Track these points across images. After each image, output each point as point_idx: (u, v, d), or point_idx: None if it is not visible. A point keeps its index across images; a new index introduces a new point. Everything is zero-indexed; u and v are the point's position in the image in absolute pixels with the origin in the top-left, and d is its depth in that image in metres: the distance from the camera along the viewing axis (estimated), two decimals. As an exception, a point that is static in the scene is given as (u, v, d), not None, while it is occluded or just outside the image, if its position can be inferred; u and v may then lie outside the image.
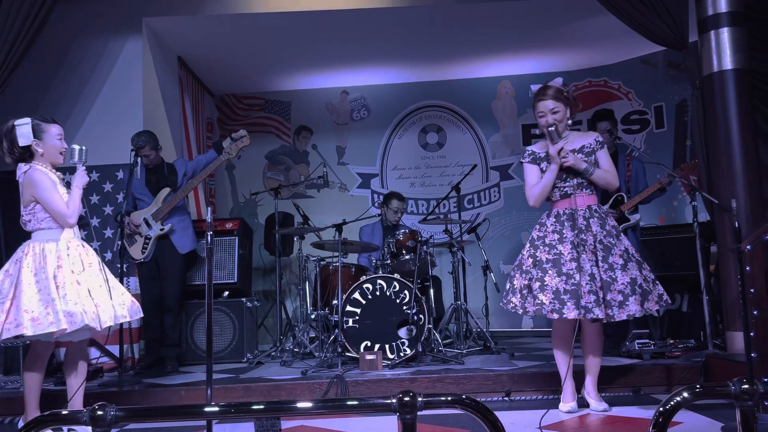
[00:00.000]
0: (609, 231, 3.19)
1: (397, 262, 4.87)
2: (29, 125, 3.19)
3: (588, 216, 3.21)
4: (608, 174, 3.25)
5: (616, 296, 3.09)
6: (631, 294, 3.08)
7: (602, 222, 3.21)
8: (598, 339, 3.32)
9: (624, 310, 3.07)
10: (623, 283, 3.10)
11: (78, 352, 3.26)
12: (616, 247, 3.16)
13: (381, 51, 6.62)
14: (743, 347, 3.09)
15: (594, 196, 3.29)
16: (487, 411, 1.57)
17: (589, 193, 3.27)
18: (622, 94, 7.24)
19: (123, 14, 5.49)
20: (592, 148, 3.28)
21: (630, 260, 3.16)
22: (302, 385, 3.88)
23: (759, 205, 3.99)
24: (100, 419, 1.54)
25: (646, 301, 3.11)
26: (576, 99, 3.35)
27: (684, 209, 6.64)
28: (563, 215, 3.25)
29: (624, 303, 3.07)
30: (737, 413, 1.63)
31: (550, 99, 3.26)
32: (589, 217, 3.21)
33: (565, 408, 3.28)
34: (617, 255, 3.14)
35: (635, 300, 3.07)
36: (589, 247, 3.14)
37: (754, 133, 4.08)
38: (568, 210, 3.25)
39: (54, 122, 3.30)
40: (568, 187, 3.26)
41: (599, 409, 3.25)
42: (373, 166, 7.52)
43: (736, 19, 4.09)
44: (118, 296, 3.19)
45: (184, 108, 6.42)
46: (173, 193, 4.66)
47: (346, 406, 1.66)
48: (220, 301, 5.18)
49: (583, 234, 3.16)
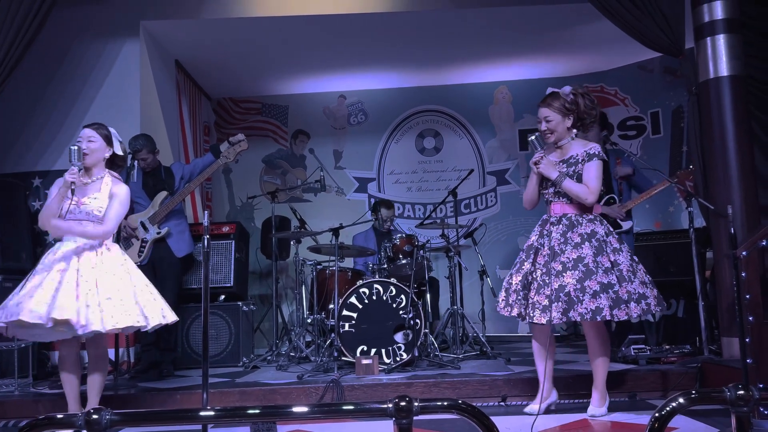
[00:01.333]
0: (569, 239, 3.21)
1: (394, 267, 4.87)
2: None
3: (555, 223, 3.28)
4: (578, 188, 3.21)
5: (542, 300, 3.15)
6: (555, 301, 3.11)
7: (566, 230, 3.23)
8: (594, 342, 3.30)
9: (545, 315, 3.12)
10: (552, 289, 3.14)
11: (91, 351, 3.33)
12: (565, 254, 3.18)
13: (378, 55, 6.63)
14: (739, 353, 3.09)
15: (573, 205, 3.28)
16: (483, 416, 1.57)
17: (567, 201, 3.29)
18: (618, 100, 7.27)
19: (121, 17, 5.49)
20: (577, 160, 3.28)
21: (574, 269, 3.14)
22: (298, 390, 3.87)
23: (755, 211, 4.00)
24: (95, 423, 1.54)
25: (571, 309, 3.10)
26: (587, 106, 3.28)
27: (680, 215, 6.66)
28: (542, 220, 3.39)
29: (548, 308, 3.13)
30: (733, 419, 1.63)
31: (546, 107, 3.30)
32: (556, 223, 3.28)
33: (528, 410, 3.34)
34: (559, 262, 3.17)
35: (557, 307, 3.10)
36: (543, 251, 3.25)
37: (749, 140, 4.10)
38: (546, 216, 3.38)
39: (86, 126, 3.41)
40: (548, 194, 3.37)
41: (588, 413, 3.27)
42: (370, 170, 7.53)
43: (732, 26, 4.12)
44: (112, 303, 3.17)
45: (181, 111, 6.42)
46: (170, 196, 4.65)
47: (342, 410, 1.66)
48: (217, 304, 5.17)
49: (543, 239, 3.28)
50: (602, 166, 3.29)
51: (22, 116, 5.38)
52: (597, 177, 3.22)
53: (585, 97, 3.30)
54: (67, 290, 3.07)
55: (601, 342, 3.31)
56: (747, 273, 3.10)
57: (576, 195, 3.22)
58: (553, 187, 3.31)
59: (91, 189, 3.31)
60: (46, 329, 3.07)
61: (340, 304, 4.56)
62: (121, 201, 3.32)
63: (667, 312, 5.18)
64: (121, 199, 3.32)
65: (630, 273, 3.18)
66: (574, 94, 3.28)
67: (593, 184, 3.21)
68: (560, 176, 3.24)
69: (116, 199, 3.31)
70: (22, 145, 5.37)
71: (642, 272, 3.24)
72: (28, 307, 2.98)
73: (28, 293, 3.05)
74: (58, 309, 3.00)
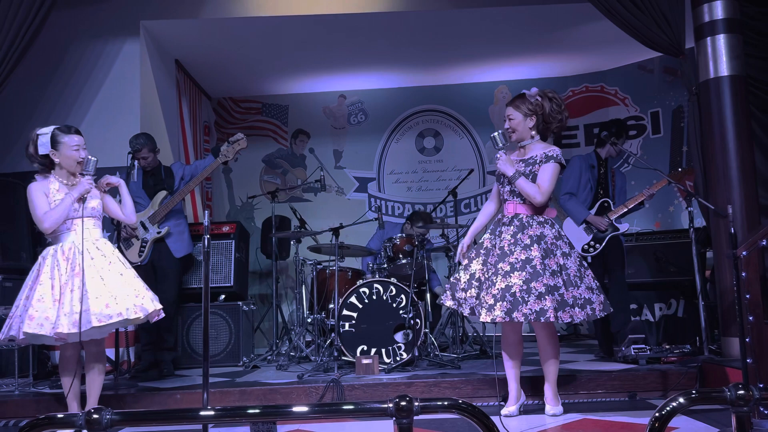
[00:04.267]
0: (519, 240, 3.22)
1: (394, 266, 4.87)
2: (48, 135, 3.36)
3: (507, 223, 3.30)
4: (530, 187, 3.24)
5: (489, 299, 3.17)
6: (500, 300, 3.13)
7: (517, 231, 3.25)
8: (546, 343, 3.32)
9: (490, 314, 3.14)
10: (498, 289, 3.15)
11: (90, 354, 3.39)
12: (513, 255, 3.19)
13: (378, 55, 6.63)
14: (739, 353, 3.09)
15: (526, 206, 3.30)
16: (483, 416, 1.57)
17: (520, 201, 3.31)
18: (618, 100, 7.27)
19: (121, 17, 5.49)
20: (535, 160, 3.32)
21: (522, 270, 3.15)
22: (298, 389, 3.87)
23: (755, 211, 4.00)
24: (95, 423, 1.54)
25: (515, 310, 3.10)
26: (554, 110, 3.32)
27: (680, 215, 6.66)
28: (495, 221, 3.43)
29: (493, 306, 3.14)
30: (733, 419, 1.63)
31: (510, 106, 3.39)
32: (507, 224, 3.29)
33: (504, 411, 3.34)
34: (507, 262, 3.18)
35: (501, 306, 3.11)
36: (494, 251, 3.27)
37: (749, 139, 4.10)
38: (500, 215, 3.40)
39: (75, 132, 3.43)
40: (504, 193, 3.38)
41: (549, 413, 3.29)
42: (370, 170, 7.53)
43: (732, 26, 4.12)
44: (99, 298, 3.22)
45: (181, 111, 6.42)
46: (170, 196, 4.65)
47: (342, 410, 1.66)
48: (217, 304, 5.17)
49: (494, 239, 3.31)
50: (558, 169, 3.31)
51: (22, 116, 5.37)
52: (550, 179, 3.26)
53: (552, 100, 3.33)
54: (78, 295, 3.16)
55: (550, 343, 3.33)
56: (747, 273, 3.10)
57: (527, 194, 3.26)
58: (509, 186, 3.34)
59: (94, 193, 3.52)
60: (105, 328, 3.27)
61: (340, 303, 4.56)
62: (112, 198, 3.64)
63: (667, 312, 5.19)
64: (112, 197, 3.64)
65: (577, 278, 3.22)
66: (541, 96, 3.33)
67: (545, 186, 3.25)
68: (516, 174, 3.27)
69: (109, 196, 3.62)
70: (22, 145, 5.34)
71: (590, 278, 3.28)
72: (63, 322, 3.10)
73: (49, 304, 3.16)
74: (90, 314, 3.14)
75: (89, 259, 3.26)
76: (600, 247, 4.58)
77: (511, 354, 3.40)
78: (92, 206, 3.43)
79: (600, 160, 4.78)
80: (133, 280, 3.37)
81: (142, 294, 3.34)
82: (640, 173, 6.71)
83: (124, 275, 3.34)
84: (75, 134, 3.40)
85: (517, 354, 3.41)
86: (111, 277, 3.27)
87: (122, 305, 3.21)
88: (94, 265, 3.27)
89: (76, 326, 3.08)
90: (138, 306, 3.27)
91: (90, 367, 3.37)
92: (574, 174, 4.73)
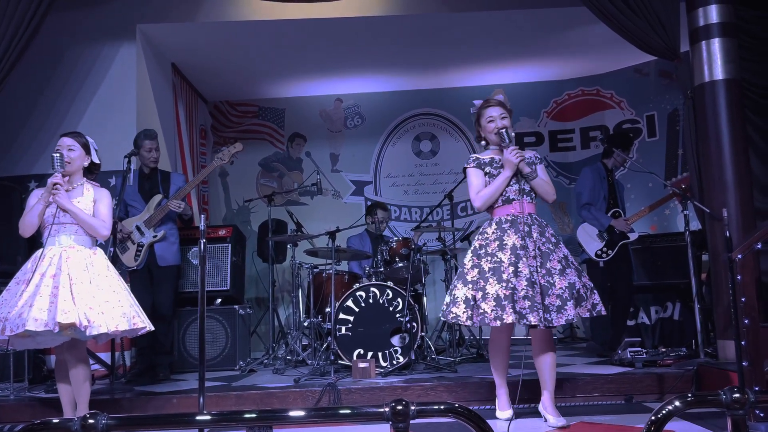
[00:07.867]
0: (548, 238, 3.23)
1: (390, 270, 4.87)
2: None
3: (530, 222, 3.21)
4: (547, 184, 3.31)
5: (555, 301, 3.08)
6: (570, 299, 3.08)
7: (542, 230, 3.24)
8: (551, 347, 3.26)
9: (562, 315, 3.06)
10: (561, 288, 3.10)
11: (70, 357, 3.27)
12: (554, 254, 3.18)
13: (375, 59, 6.64)
14: (735, 356, 3.10)
15: (534, 204, 3.31)
16: (480, 420, 1.57)
17: (530, 201, 3.29)
18: (614, 103, 7.29)
19: (117, 21, 5.49)
20: (532, 161, 3.34)
21: (569, 267, 3.17)
22: (295, 393, 3.86)
23: (750, 215, 4.02)
24: (91, 428, 1.53)
25: (579, 306, 3.10)
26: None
27: (676, 218, 6.68)
28: (504, 222, 3.24)
29: (562, 308, 3.07)
30: (728, 422, 1.63)
31: (498, 106, 3.41)
32: (531, 223, 3.21)
33: (503, 416, 3.32)
34: (555, 260, 3.17)
35: (573, 305, 3.08)
36: (530, 253, 3.13)
37: (744, 143, 4.12)
38: (510, 216, 3.24)
39: (64, 135, 3.43)
40: (511, 192, 3.25)
41: (557, 425, 3.14)
42: (366, 173, 7.53)
43: (727, 29, 4.13)
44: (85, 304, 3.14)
45: (177, 114, 6.41)
46: (165, 200, 4.64)
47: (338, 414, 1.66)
48: (213, 308, 5.16)
49: (526, 239, 3.15)
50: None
51: (18, 120, 5.37)
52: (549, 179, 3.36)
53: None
54: (64, 294, 3.08)
55: (553, 346, 3.28)
56: (742, 276, 3.10)
57: (545, 191, 3.29)
58: (518, 185, 3.24)
59: (74, 194, 3.39)
60: (52, 335, 3.11)
61: (337, 307, 4.55)
62: (108, 202, 3.46)
63: (663, 315, 5.20)
64: (108, 201, 3.46)
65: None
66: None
67: (552, 185, 3.36)
68: (533, 171, 3.27)
69: (104, 200, 3.43)
70: (18, 148, 5.36)
71: None
72: (32, 316, 2.99)
73: (27, 302, 3.06)
74: (61, 313, 3.01)
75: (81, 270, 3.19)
76: (612, 253, 4.76)
77: (504, 359, 3.38)
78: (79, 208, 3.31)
79: (607, 171, 4.98)
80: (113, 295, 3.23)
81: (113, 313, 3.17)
82: (635, 177, 6.73)
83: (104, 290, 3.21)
84: (63, 137, 3.39)
85: (508, 357, 3.42)
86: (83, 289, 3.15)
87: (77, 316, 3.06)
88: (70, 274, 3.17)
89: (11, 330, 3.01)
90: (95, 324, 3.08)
91: (71, 374, 3.24)
92: (588, 185, 4.92)
